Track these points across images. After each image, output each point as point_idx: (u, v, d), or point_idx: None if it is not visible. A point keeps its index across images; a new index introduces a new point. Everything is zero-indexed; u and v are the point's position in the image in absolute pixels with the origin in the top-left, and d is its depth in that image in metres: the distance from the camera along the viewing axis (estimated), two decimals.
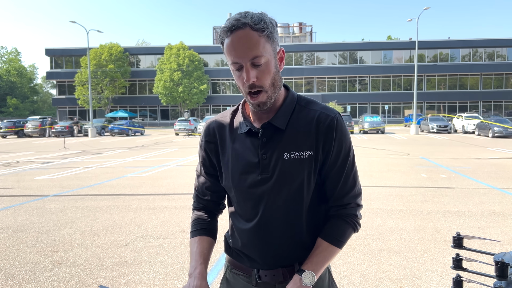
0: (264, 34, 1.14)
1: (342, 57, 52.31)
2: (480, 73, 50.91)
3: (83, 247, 4.67)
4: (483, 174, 9.62)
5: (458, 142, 20.68)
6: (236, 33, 1.12)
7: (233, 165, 1.28)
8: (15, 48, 74.60)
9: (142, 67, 54.09)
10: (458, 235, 1.16)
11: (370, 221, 5.56)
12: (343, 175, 1.25)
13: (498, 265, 0.99)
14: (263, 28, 1.13)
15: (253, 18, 1.13)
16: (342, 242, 1.25)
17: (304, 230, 1.27)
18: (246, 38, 1.12)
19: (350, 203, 1.27)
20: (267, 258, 1.28)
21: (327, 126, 1.22)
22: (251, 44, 1.12)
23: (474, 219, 5.63)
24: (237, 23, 1.12)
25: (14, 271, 3.97)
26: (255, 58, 1.13)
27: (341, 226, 1.26)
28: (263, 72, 1.15)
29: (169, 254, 4.40)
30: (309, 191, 1.25)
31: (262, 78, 1.15)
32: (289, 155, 1.22)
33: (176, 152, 16.84)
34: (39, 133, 32.12)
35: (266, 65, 1.15)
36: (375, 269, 3.89)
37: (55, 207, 6.74)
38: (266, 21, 1.14)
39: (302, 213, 1.26)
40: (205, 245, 1.33)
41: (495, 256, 1.02)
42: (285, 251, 1.27)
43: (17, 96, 70.32)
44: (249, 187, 1.26)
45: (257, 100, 1.18)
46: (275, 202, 1.24)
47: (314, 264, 1.21)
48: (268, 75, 1.16)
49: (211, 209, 1.43)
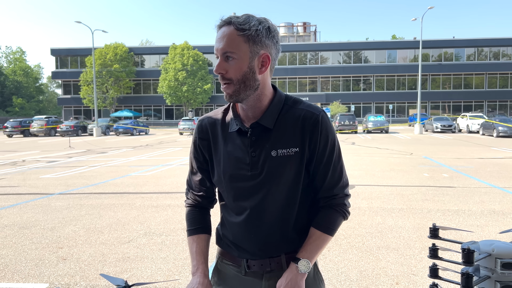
0: (244, 34, 1.22)
1: (347, 56, 52.25)
2: (485, 72, 50.68)
3: (87, 244, 4.77)
4: (485, 173, 9.64)
5: (462, 141, 20.65)
6: (221, 29, 1.25)
7: (224, 162, 1.36)
8: (19, 48, 75.03)
9: (147, 66, 54.33)
10: (434, 226, 1.23)
11: (370, 220, 5.63)
12: (330, 169, 1.34)
13: (464, 252, 1.07)
14: (245, 29, 1.22)
15: (242, 19, 1.23)
16: (333, 230, 1.36)
17: (291, 224, 1.35)
18: (225, 34, 1.23)
19: (338, 194, 1.37)
20: (256, 249, 1.36)
21: (312, 123, 1.30)
22: (228, 40, 1.23)
23: (473, 217, 5.68)
24: (225, 21, 1.25)
25: (20, 266, 4.08)
26: (226, 52, 1.23)
27: (332, 215, 1.36)
28: (232, 67, 1.25)
29: (171, 251, 4.48)
30: (296, 187, 1.33)
31: (231, 73, 1.25)
32: (277, 152, 1.30)
33: (179, 152, 16.95)
34: (44, 132, 32.37)
35: (237, 62, 1.24)
36: (373, 266, 3.96)
37: (60, 205, 6.85)
38: (252, 24, 1.23)
39: (290, 207, 1.34)
40: (204, 243, 1.44)
41: (462, 244, 1.09)
42: (272, 243, 1.35)
43: (23, 96, 70.80)
44: (240, 183, 1.34)
45: (224, 90, 1.28)
46: (264, 197, 1.32)
47: (308, 252, 1.31)
48: (237, 71, 1.25)
49: (204, 205, 1.52)
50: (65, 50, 54.65)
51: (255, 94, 1.29)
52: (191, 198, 1.52)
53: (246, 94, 1.28)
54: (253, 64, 1.26)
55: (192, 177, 1.50)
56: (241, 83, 1.26)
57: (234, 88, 1.26)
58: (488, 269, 1.12)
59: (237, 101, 1.29)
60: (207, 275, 1.37)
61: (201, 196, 1.49)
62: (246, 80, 1.26)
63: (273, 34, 1.27)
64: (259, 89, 1.29)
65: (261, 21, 1.25)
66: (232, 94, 1.27)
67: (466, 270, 1.08)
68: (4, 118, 54.82)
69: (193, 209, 1.51)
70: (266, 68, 1.28)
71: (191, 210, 1.51)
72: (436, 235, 1.23)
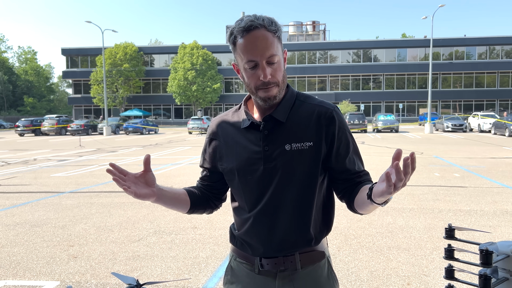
0: (276, 35, 1.24)
1: (356, 55, 51.97)
2: (497, 71, 50.05)
3: (98, 242, 4.80)
4: (497, 173, 9.52)
5: (474, 141, 20.42)
6: (252, 33, 1.20)
7: (237, 158, 1.35)
8: (31, 48, 75.94)
9: (156, 66, 54.59)
10: (450, 227, 1.21)
11: (380, 219, 5.58)
12: (352, 159, 1.35)
13: (482, 253, 1.04)
14: (275, 29, 1.23)
15: (266, 20, 1.22)
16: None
17: (306, 221, 1.32)
18: (263, 38, 1.21)
19: (362, 170, 1.36)
20: (269, 247, 1.34)
21: (327, 118, 1.31)
22: (267, 43, 1.21)
23: (486, 218, 5.60)
24: (253, 23, 1.20)
25: (31, 264, 4.11)
26: (271, 56, 1.22)
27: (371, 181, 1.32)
28: (276, 70, 1.25)
29: (181, 249, 4.49)
30: (311, 183, 1.31)
31: (276, 75, 1.25)
32: (291, 146, 1.29)
33: (189, 150, 17.00)
34: (55, 131, 32.71)
35: (279, 63, 1.25)
36: (383, 266, 3.92)
37: (70, 203, 6.91)
38: (276, 24, 1.24)
39: (305, 203, 1.31)
40: (178, 190, 1.40)
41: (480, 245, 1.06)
42: (287, 240, 1.33)
43: (34, 95, 71.65)
44: (254, 178, 1.32)
45: (269, 93, 1.26)
46: (278, 192, 1.30)
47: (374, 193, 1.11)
48: (280, 72, 1.26)
49: (206, 193, 1.49)
50: (75, 49, 55.12)
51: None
52: (197, 183, 1.53)
53: (282, 92, 1.31)
54: (283, 63, 1.30)
55: (201, 175, 1.52)
56: (282, 83, 1.29)
57: (278, 89, 1.28)
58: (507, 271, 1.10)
59: (276, 101, 1.30)
60: (155, 193, 1.28)
61: (206, 186, 1.49)
62: (284, 79, 1.30)
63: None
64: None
65: (275, 20, 1.26)
66: (276, 95, 1.28)
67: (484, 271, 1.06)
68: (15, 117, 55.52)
69: (193, 187, 1.51)
70: (286, 63, 1.33)
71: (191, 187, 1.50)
72: (452, 235, 1.21)
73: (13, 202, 7.12)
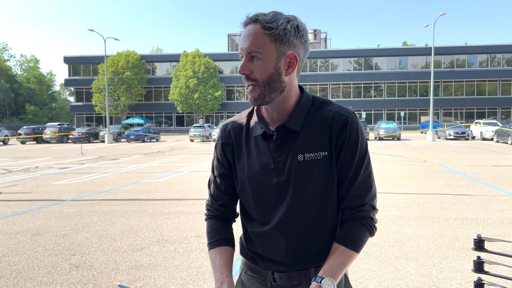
0: (271, 33, 1.15)
1: (357, 63, 52.07)
2: (498, 79, 50.07)
3: (100, 251, 4.72)
4: (502, 181, 9.43)
5: (476, 149, 20.32)
6: (247, 27, 1.18)
7: (248, 168, 1.28)
8: (34, 56, 76.31)
9: (158, 74, 54.76)
10: (479, 237, 1.14)
11: (387, 228, 5.49)
12: (358, 176, 1.23)
13: None
14: (272, 27, 1.15)
15: (269, 17, 1.16)
16: (359, 246, 1.21)
17: (321, 234, 1.26)
18: (251, 32, 1.16)
19: (365, 205, 1.23)
20: (283, 261, 1.27)
21: (340, 125, 1.22)
22: (254, 39, 1.16)
23: (494, 226, 5.52)
24: (251, 18, 1.18)
25: (32, 274, 4.04)
26: (251, 52, 1.16)
27: (358, 229, 1.22)
28: (257, 67, 1.17)
29: (184, 259, 4.41)
30: (326, 194, 1.23)
31: (256, 73, 1.18)
32: (303, 157, 1.21)
33: (191, 158, 16.93)
34: (57, 139, 32.69)
35: (262, 62, 1.17)
36: (392, 276, 3.84)
37: (72, 212, 6.83)
38: (280, 23, 1.15)
39: (319, 216, 1.24)
40: (227, 256, 1.30)
41: None
42: (301, 254, 1.26)
43: (36, 103, 71.83)
44: (265, 189, 1.25)
45: (249, 94, 1.21)
46: (291, 204, 1.23)
47: (332, 269, 1.15)
48: (262, 72, 1.17)
49: (227, 216, 1.40)
50: (78, 58, 55.36)
51: (280, 97, 1.22)
52: (212, 208, 1.41)
53: (271, 96, 1.20)
54: (279, 65, 1.18)
55: (214, 185, 1.39)
56: (266, 85, 1.18)
57: (259, 91, 1.19)
58: None
59: (261, 104, 1.22)
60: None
61: (224, 205, 1.38)
62: (272, 82, 1.18)
63: (301, 33, 1.19)
64: (285, 91, 1.21)
65: (290, 19, 1.17)
66: (257, 97, 1.19)
67: None
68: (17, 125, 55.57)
69: (214, 220, 1.39)
70: (293, 69, 1.21)
71: (213, 221, 1.39)
72: (481, 247, 1.13)
73: (14, 210, 7.05)
